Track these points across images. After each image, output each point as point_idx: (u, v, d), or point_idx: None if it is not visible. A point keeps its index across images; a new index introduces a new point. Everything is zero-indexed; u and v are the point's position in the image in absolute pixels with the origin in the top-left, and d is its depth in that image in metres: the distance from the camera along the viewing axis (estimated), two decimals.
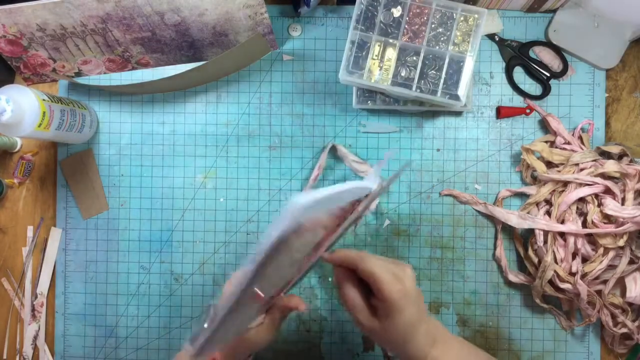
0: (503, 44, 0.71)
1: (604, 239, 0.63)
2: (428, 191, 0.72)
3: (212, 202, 0.73)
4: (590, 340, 0.70)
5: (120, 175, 0.73)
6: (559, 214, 0.66)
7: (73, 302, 0.73)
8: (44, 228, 0.74)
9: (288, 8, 0.72)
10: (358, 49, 0.63)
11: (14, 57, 0.70)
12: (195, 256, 0.73)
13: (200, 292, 0.73)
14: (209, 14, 0.64)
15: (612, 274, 0.64)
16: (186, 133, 0.73)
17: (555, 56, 0.71)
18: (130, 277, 0.73)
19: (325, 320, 0.72)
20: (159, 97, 0.74)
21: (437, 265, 0.72)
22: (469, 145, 0.72)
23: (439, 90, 0.63)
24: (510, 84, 0.71)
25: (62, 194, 0.74)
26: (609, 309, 0.65)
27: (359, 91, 0.69)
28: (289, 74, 0.73)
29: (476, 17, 0.62)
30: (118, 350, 0.73)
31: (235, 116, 0.73)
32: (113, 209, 0.73)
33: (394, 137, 0.72)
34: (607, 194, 0.65)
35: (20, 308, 0.74)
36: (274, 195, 0.73)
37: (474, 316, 0.71)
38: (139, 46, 0.69)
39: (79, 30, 0.66)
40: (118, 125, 0.74)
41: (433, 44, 0.63)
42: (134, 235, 0.73)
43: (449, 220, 0.71)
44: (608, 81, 0.71)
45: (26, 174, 0.74)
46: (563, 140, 0.69)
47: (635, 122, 0.71)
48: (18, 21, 0.64)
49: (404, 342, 0.45)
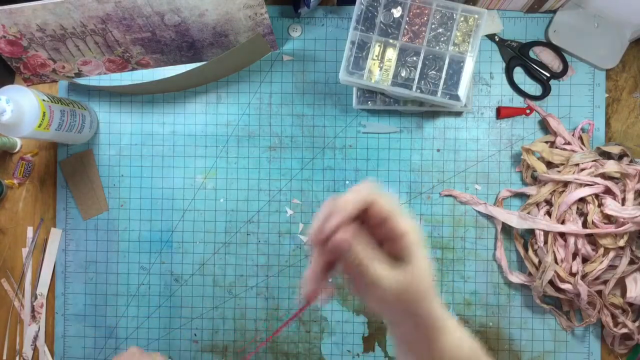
0: (503, 44, 0.71)
1: (604, 239, 0.63)
2: (428, 191, 0.72)
3: (212, 202, 0.73)
4: (590, 340, 0.70)
5: (120, 175, 0.73)
6: (559, 214, 0.66)
7: (73, 303, 0.73)
8: (43, 229, 0.74)
9: (288, 8, 0.72)
10: (358, 50, 0.63)
11: (14, 57, 0.70)
12: (195, 257, 0.73)
13: (200, 292, 0.73)
14: (209, 14, 0.64)
15: (612, 274, 0.64)
16: (186, 133, 0.73)
17: (555, 56, 0.71)
18: (130, 278, 0.73)
19: (325, 320, 0.72)
20: (159, 97, 0.74)
21: (437, 266, 0.72)
22: (469, 146, 0.71)
23: (439, 90, 0.63)
24: (510, 84, 0.71)
25: (62, 195, 0.74)
26: (610, 310, 0.65)
27: (359, 91, 0.69)
28: (289, 74, 0.73)
29: (476, 18, 0.62)
30: (118, 351, 0.73)
31: (235, 116, 0.73)
32: (113, 209, 0.73)
33: (394, 138, 0.72)
34: (607, 194, 0.65)
35: (20, 309, 0.74)
36: (274, 196, 0.73)
37: (474, 316, 0.71)
38: (139, 47, 0.69)
39: (79, 30, 0.66)
40: (118, 126, 0.74)
41: (433, 45, 0.63)
42: (134, 235, 0.73)
43: (449, 221, 0.71)
44: (608, 81, 0.71)
45: (26, 174, 0.74)
46: (563, 140, 0.69)
47: (635, 122, 0.71)
48: (18, 21, 0.64)
49: (428, 292, 0.39)
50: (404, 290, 0.38)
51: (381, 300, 0.39)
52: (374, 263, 0.38)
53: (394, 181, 0.72)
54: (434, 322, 0.41)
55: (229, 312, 0.73)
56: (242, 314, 0.73)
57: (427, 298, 0.39)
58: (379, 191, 0.38)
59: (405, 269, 0.38)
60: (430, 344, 0.41)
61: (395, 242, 0.38)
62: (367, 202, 0.38)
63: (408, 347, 0.43)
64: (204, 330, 0.73)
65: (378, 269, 0.37)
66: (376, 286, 0.38)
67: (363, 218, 0.39)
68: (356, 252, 0.38)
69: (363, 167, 0.72)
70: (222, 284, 0.73)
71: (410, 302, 0.39)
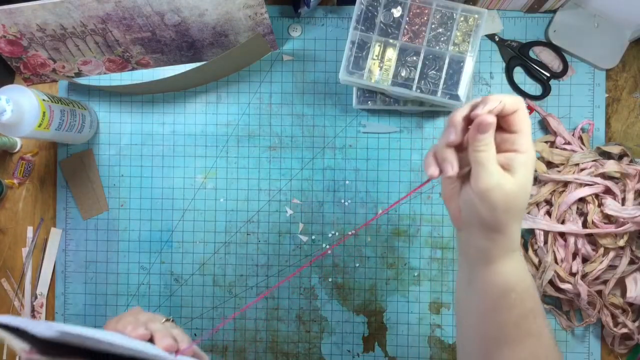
0: (503, 44, 0.71)
1: (604, 239, 0.63)
2: (428, 191, 0.72)
3: (212, 202, 0.73)
4: (590, 340, 0.70)
5: (120, 175, 0.73)
6: (559, 214, 0.66)
7: (73, 303, 0.73)
8: (43, 228, 0.74)
9: (288, 8, 0.72)
10: (358, 49, 0.63)
11: (14, 57, 0.70)
12: (195, 256, 0.73)
13: (200, 292, 0.73)
14: (209, 14, 0.64)
15: (612, 274, 0.64)
16: (186, 133, 0.73)
17: (555, 56, 0.71)
18: (130, 278, 0.73)
19: (325, 320, 0.72)
20: (159, 97, 0.74)
21: (437, 266, 0.72)
22: None
23: (439, 90, 0.63)
24: (510, 84, 0.71)
25: (62, 195, 0.74)
26: (609, 309, 0.65)
27: (359, 91, 0.69)
28: (289, 74, 0.73)
29: (476, 18, 0.62)
30: None
31: (235, 116, 0.73)
32: (113, 209, 0.73)
33: (394, 137, 0.72)
34: (607, 194, 0.65)
35: (20, 308, 0.74)
36: (274, 196, 0.73)
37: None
38: (139, 46, 0.69)
39: (79, 30, 0.66)
40: (118, 126, 0.74)
41: (433, 44, 0.63)
42: (134, 235, 0.73)
43: (449, 221, 0.71)
44: (608, 81, 0.71)
45: (26, 174, 0.74)
46: (563, 140, 0.69)
47: (635, 122, 0.71)
48: (18, 21, 0.64)
49: (521, 212, 0.41)
50: (510, 197, 0.39)
51: (477, 205, 0.40)
52: (494, 161, 0.39)
53: (394, 181, 0.72)
54: (511, 244, 0.42)
55: (229, 312, 0.73)
56: (242, 314, 0.73)
57: (518, 217, 0.41)
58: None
59: (516, 175, 0.39)
60: (498, 266, 0.43)
61: (509, 159, 0.40)
62: (514, 108, 0.39)
63: (473, 267, 0.45)
64: (204, 330, 0.73)
65: (493, 168, 0.39)
66: (485, 185, 0.39)
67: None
68: (488, 140, 0.39)
69: (363, 167, 0.72)
70: (222, 284, 0.73)
71: (506, 212, 0.40)
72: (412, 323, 0.71)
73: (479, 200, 0.40)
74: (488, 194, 0.39)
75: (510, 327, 0.43)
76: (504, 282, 0.43)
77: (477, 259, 0.44)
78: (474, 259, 0.44)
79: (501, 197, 0.39)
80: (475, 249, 0.43)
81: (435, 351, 0.71)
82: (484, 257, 0.43)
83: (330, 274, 0.72)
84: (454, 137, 0.40)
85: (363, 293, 0.72)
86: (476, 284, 0.45)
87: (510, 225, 0.41)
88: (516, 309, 0.43)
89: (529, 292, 0.43)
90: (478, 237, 0.43)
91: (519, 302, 0.43)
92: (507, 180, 0.39)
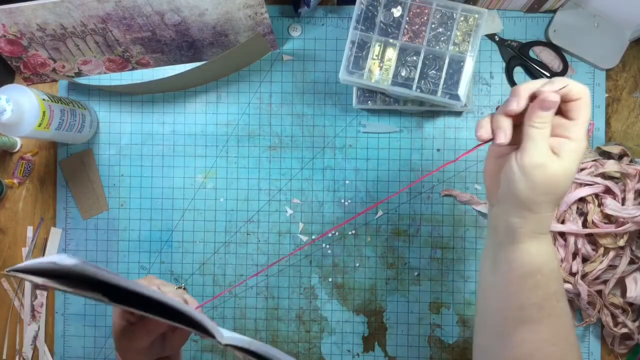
0: (503, 44, 0.71)
1: (604, 239, 0.63)
2: (428, 191, 0.72)
3: (212, 202, 0.73)
4: (590, 340, 0.70)
5: (120, 175, 0.73)
6: (559, 214, 0.66)
7: (73, 303, 0.73)
8: (43, 228, 0.74)
9: (288, 8, 0.72)
10: (358, 49, 0.63)
11: (14, 57, 0.70)
12: (195, 256, 0.73)
13: (200, 292, 0.73)
14: (209, 14, 0.64)
15: (612, 274, 0.64)
16: (186, 133, 0.73)
17: (555, 56, 0.71)
18: (130, 278, 0.73)
19: (325, 320, 0.72)
20: (159, 97, 0.74)
21: (437, 266, 0.72)
22: (469, 145, 0.71)
23: (439, 90, 0.63)
24: (510, 84, 0.71)
25: (62, 194, 0.74)
26: (609, 309, 0.65)
27: (359, 91, 0.69)
28: (289, 74, 0.73)
29: (476, 17, 0.62)
30: None
31: (235, 116, 0.73)
32: (113, 209, 0.73)
33: (394, 137, 0.72)
34: (607, 194, 0.65)
35: (20, 308, 0.74)
36: (274, 196, 0.73)
37: (474, 316, 0.71)
38: (139, 46, 0.69)
39: (79, 30, 0.66)
40: (118, 125, 0.74)
41: (433, 44, 0.63)
42: (134, 235, 0.73)
43: (449, 221, 0.71)
44: (608, 81, 0.71)
45: (26, 174, 0.74)
46: None
47: (635, 122, 0.71)
48: (18, 21, 0.64)
49: (560, 198, 0.42)
50: (551, 179, 0.40)
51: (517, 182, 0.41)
52: (546, 140, 0.40)
53: (394, 181, 0.72)
54: (542, 226, 0.43)
55: (229, 312, 0.73)
56: (242, 314, 0.73)
57: (554, 202, 0.42)
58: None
59: (562, 160, 0.40)
60: (526, 245, 0.43)
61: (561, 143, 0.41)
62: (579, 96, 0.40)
63: (501, 244, 0.45)
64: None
65: (545, 147, 0.40)
66: (531, 161, 0.40)
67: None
68: (548, 118, 0.40)
69: (363, 167, 0.72)
70: (222, 284, 0.73)
71: (544, 194, 0.41)
72: (412, 323, 0.71)
73: (522, 176, 0.41)
74: (532, 170, 0.40)
75: (534, 307, 0.43)
76: (531, 262, 0.43)
77: (506, 236, 0.44)
78: (502, 236, 0.45)
79: (543, 177, 0.40)
80: (506, 225, 0.44)
81: (435, 351, 0.71)
82: (513, 234, 0.43)
83: (330, 274, 0.72)
84: (516, 106, 0.41)
85: (363, 293, 0.72)
86: (502, 262, 0.45)
87: (545, 207, 0.42)
88: (541, 290, 0.43)
89: (554, 275, 0.44)
90: (511, 214, 0.43)
91: (544, 284, 0.43)
92: (553, 162, 0.40)
